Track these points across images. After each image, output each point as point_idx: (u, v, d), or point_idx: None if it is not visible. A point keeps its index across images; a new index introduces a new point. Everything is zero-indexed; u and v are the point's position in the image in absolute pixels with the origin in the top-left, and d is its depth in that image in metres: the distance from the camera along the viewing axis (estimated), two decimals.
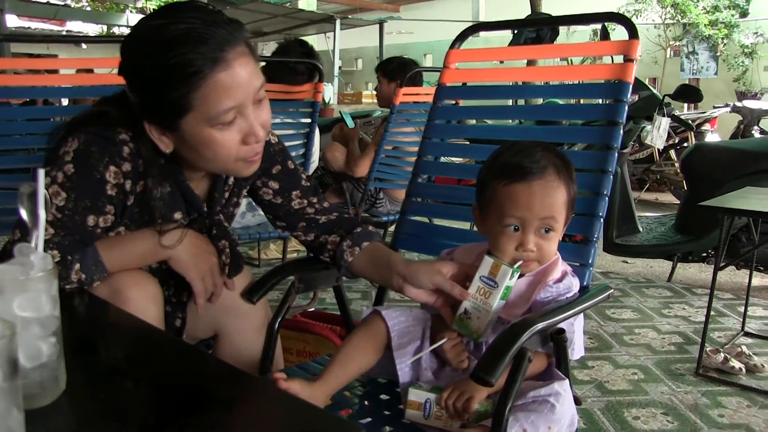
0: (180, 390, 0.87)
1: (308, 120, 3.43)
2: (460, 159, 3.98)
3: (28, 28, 16.20)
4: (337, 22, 12.35)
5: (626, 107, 1.58)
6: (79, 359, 0.90)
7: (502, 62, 3.01)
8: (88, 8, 18.49)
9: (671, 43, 12.08)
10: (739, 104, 7.73)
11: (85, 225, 1.33)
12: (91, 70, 3.58)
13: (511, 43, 5.99)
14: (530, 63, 6.79)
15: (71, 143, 1.33)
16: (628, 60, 1.60)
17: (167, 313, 1.53)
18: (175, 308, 1.59)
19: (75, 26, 17.74)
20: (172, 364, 0.97)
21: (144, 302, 1.36)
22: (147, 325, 1.17)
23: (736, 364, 2.76)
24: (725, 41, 11.40)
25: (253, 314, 1.62)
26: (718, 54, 11.58)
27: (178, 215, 1.47)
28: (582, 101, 4.21)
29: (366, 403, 1.42)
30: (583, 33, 11.51)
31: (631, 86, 1.58)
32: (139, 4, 16.64)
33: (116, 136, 1.35)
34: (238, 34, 1.28)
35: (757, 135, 7.22)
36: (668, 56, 12.17)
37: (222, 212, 1.57)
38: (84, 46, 16.51)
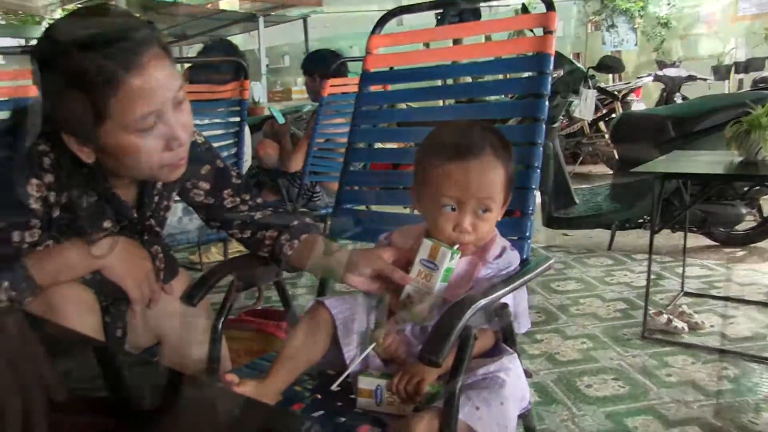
0: (126, 401, 0.84)
1: (237, 119, 3.37)
2: (395, 144, 3.98)
3: None
4: (261, 20, 12.20)
5: (549, 79, 1.59)
6: (16, 378, 0.87)
7: (427, 45, 3.02)
8: (2, 21, 17.93)
9: (591, 18, 12.28)
10: (660, 73, 7.91)
11: (10, 241, 1.28)
12: None
13: None
14: (456, 44, 6.81)
15: None
16: (547, 32, 1.61)
17: (107, 324, 1.49)
18: (115, 318, 1.55)
19: None
20: (116, 375, 0.94)
21: (80, 315, 1.32)
22: (86, 338, 1.14)
23: (678, 323, 2.83)
24: (642, 13, 11.66)
25: (195, 317, 1.59)
26: (636, 26, 11.83)
27: (107, 224, 1.43)
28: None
29: (318, 396, 1.40)
30: (506, 14, 11.63)
31: (552, 58, 1.60)
32: (56, 15, 16.20)
33: (35, 147, 1.30)
34: (151, 37, 1.24)
35: (679, 101, 7.41)
36: (590, 31, 12.37)
37: (153, 217, 1.53)
38: (1, 60, 16.00)
